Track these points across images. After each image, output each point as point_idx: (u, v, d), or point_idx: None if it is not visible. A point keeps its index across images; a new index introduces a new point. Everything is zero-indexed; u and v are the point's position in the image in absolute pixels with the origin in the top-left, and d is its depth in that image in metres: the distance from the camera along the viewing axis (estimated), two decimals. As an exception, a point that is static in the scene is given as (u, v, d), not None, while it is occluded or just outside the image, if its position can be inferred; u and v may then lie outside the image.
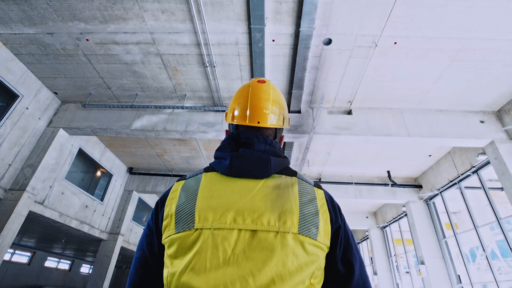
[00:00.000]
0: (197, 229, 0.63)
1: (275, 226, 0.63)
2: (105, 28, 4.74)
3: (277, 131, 0.90)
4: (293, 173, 0.78)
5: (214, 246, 0.61)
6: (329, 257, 0.70)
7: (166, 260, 0.66)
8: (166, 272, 0.65)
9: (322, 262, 0.67)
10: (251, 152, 0.76)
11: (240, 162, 0.73)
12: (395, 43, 4.66)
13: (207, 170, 0.78)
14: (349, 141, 6.17)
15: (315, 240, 0.65)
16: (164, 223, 0.69)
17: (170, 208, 0.69)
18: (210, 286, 0.57)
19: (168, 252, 0.66)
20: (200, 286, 0.57)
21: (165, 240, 0.67)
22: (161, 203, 0.74)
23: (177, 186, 0.74)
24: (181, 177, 0.79)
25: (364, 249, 15.28)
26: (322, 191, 0.76)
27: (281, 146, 0.89)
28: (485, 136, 5.80)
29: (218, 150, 0.81)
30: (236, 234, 0.62)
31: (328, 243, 0.68)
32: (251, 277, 0.58)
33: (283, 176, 0.76)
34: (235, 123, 0.86)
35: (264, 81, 0.89)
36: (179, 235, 0.64)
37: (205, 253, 0.60)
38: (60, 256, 18.91)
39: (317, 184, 0.78)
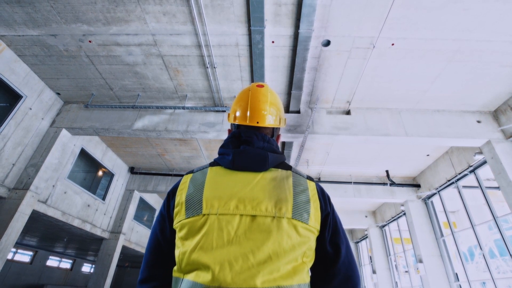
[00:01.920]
0: (204, 215, 0.72)
1: (272, 212, 0.72)
2: (108, 30, 4.81)
3: (274, 130, 0.99)
4: (288, 167, 0.87)
5: (219, 229, 0.69)
6: (319, 240, 0.79)
7: (178, 241, 0.75)
8: (177, 251, 0.73)
9: (312, 244, 0.76)
10: (251, 149, 0.84)
11: (242, 158, 0.82)
12: (393, 44, 4.72)
13: (212, 164, 0.87)
14: (348, 141, 6.23)
15: (307, 224, 0.74)
16: (175, 210, 0.77)
17: (180, 197, 0.78)
18: (217, 261, 0.66)
19: (179, 235, 0.74)
20: (208, 261, 0.66)
21: (176, 224, 0.76)
22: (172, 193, 0.83)
23: (186, 179, 0.83)
24: (190, 171, 0.88)
25: (363, 248, 15.33)
26: (313, 183, 0.84)
27: (278, 144, 0.98)
28: (482, 135, 5.86)
29: (221, 147, 0.90)
30: (238, 219, 0.71)
31: (318, 227, 0.77)
32: (251, 254, 0.66)
33: (279, 169, 0.84)
34: (236, 123, 0.95)
35: (262, 86, 0.99)
36: (189, 220, 0.72)
37: (211, 234, 0.69)
38: (62, 255, 18.98)
39: (310, 177, 0.87)
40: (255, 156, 0.83)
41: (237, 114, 0.96)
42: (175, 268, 0.74)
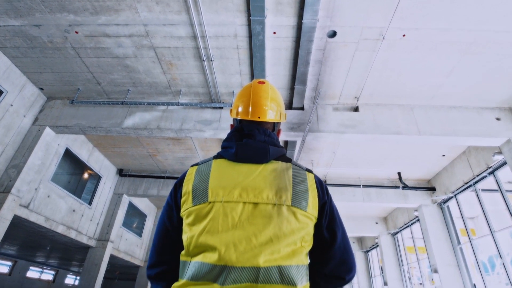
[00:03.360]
0: (210, 202, 0.86)
1: (272, 199, 0.86)
2: (96, 20, 4.91)
3: (275, 125, 1.15)
4: (288, 160, 1.02)
5: (224, 215, 0.83)
6: (317, 226, 0.94)
7: (185, 227, 0.89)
8: (185, 236, 0.88)
9: (311, 229, 0.90)
10: (253, 142, 0.99)
11: (244, 150, 0.96)
12: (404, 35, 4.82)
13: (216, 157, 1.02)
14: (356, 140, 6.34)
15: (305, 211, 0.88)
16: (183, 199, 0.92)
17: (187, 187, 0.93)
18: (223, 243, 0.80)
19: (186, 221, 0.89)
20: (215, 243, 0.80)
21: (183, 212, 0.90)
22: (179, 184, 0.99)
23: (192, 171, 0.99)
24: (195, 164, 1.04)
25: (373, 258, 15.44)
26: (312, 175, 0.99)
27: (279, 138, 1.14)
28: (501, 134, 5.95)
29: (225, 140, 1.06)
30: (241, 206, 0.85)
31: (316, 214, 0.92)
32: (254, 237, 0.80)
33: (280, 162, 0.99)
34: (239, 118, 1.11)
35: (263, 82, 1.15)
36: (195, 207, 0.87)
37: (217, 219, 0.83)
38: (44, 265, 19.09)
39: (309, 169, 1.02)
40: (257, 148, 0.97)
41: (240, 109, 1.11)
42: (182, 252, 0.88)
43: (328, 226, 0.96)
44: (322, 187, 0.99)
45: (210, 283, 0.77)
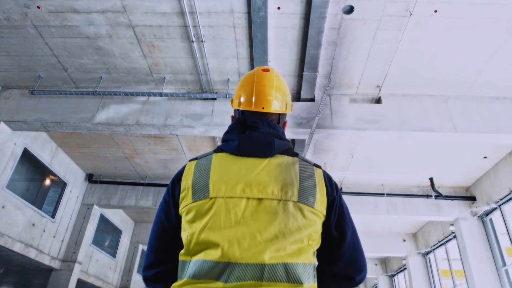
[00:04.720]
0: (211, 198, 0.97)
1: (278, 195, 0.98)
2: (62, -7, 5.00)
3: (280, 117, 1.28)
4: (294, 154, 1.14)
5: (227, 211, 0.95)
6: (326, 224, 1.06)
7: (185, 225, 1.01)
8: (185, 233, 0.99)
9: (318, 227, 1.02)
10: (257, 134, 1.12)
11: (247, 143, 1.09)
12: (435, 11, 4.92)
13: (216, 151, 1.15)
14: (378, 138, 6.43)
15: (313, 208, 1.00)
16: (181, 195, 1.04)
17: (186, 182, 1.05)
18: (225, 240, 0.91)
19: (186, 218, 1.01)
20: (217, 239, 0.91)
21: (182, 209, 1.02)
22: (177, 180, 1.11)
23: (191, 165, 1.11)
24: (193, 158, 1.16)
25: (400, 283, 15.52)
26: (321, 170, 1.12)
27: (284, 131, 1.27)
28: (555, 131, 6.05)
29: (226, 133, 1.18)
30: (245, 202, 0.97)
31: (324, 211, 1.04)
32: (258, 233, 0.92)
33: (286, 156, 1.11)
34: (241, 108, 1.24)
35: (268, 70, 1.28)
36: (196, 203, 0.98)
37: (219, 215, 0.95)
38: (-5, 293, 19.15)
39: (317, 164, 1.14)
40: (261, 141, 1.09)
41: (242, 99, 1.24)
42: (181, 251, 1.00)
43: (337, 224, 1.08)
44: (331, 183, 1.11)
45: (213, 281, 0.88)
